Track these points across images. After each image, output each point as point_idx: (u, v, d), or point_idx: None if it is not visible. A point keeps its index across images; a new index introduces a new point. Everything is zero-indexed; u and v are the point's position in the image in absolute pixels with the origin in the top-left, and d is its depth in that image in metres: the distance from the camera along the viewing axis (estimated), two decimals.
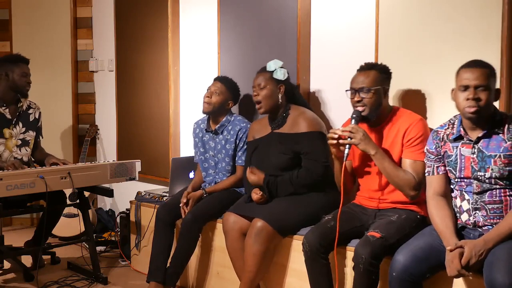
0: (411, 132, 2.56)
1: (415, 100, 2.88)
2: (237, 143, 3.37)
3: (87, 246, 3.87)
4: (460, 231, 2.31)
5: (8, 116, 3.70)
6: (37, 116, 3.85)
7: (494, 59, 2.57)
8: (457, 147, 2.29)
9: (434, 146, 2.37)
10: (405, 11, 2.91)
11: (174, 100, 4.28)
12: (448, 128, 2.35)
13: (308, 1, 3.35)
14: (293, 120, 3.03)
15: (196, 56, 4.19)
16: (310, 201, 2.93)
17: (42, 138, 3.93)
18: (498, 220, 2.20)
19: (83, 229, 4.00)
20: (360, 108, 2.58)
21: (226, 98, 3.41)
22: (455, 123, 2.33)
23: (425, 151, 2.43)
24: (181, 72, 4.30)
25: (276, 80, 3.05)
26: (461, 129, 2.28)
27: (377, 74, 2.61)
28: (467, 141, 2.26)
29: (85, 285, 3.53)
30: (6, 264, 3.85)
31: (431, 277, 2.28)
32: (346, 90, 2.66)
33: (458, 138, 2.29)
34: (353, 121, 2.54)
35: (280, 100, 3.06)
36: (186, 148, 4.26)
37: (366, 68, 2.65)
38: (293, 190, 2.93)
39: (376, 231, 2.40)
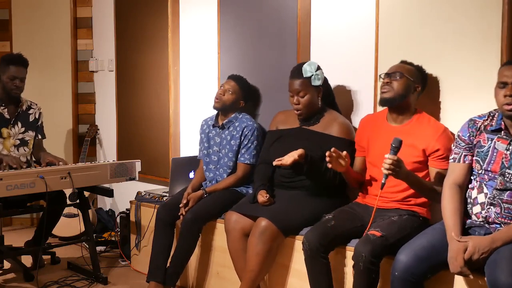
0: (437, 144, 2.54)
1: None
2: (242, 139, 3.38)
3: (87, 246, 3.87)
4: (467, 231, 2.30)
5: (7, 115, 3.70)
6: (37, 116, 3.85)
7: (494, 59, 2.57)
8: (492, 139, 2.27)
9: (468, 134, 2.34)
10: (405, 11, 2.91)
11: (174, 100, 4.28)
12: (487, 119, 2.33)
13: (308, 1, 3.35)
14: (327, 122, 3.00)
15: (196, 56, 4.19)
16: (313, 201, 2.93)
17: (44, 138, 3.92)
18: (509, 221, 2.20)
19: (83, 229, 4.00)
20: (385, 89, 2.61)
21: (238, 97, 3.43)
22: (496, 116, 2.31)
23: (456, 137, 2.39)
24: (181, 72, 4.30)
25: (314, 86, 2.98)
26: (502, 122, 2.25)
27: (414, 70, 2.67)
28: (505, 136, 2.25)
29: (85, 285, 3.53)
30: (6, 264, 3.84)
31: (433, 277, 2.27)
32: (380, 75, 2.70)
33: (496, 130, 2.27)
34: (392, 152, 2.40)
35: (319, 104, 3.03)
36: (186, 148, 4.26)
37: (405, 62, 2.71)
38: (321, 179, 2.88)
39: (377, 230, 2.40)
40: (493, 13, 2.58)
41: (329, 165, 2.61)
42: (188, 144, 4.23)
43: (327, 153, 2.58)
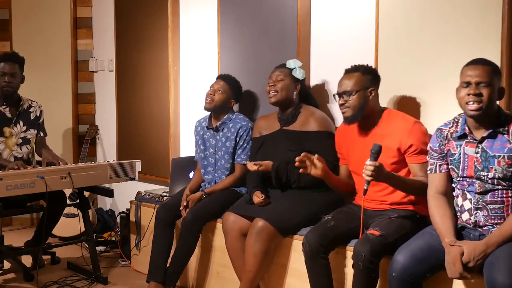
0: (409, 140, 2.54)
1: (415, 100, 2.88)
2: (237, 141, 3.37)
3: (87, 246, 3.87)
4: (460, 231, 2.30)
5: (8, 115, 3.70)
6: (38, 114, 3.85)
7: (494, 59, 2.55)
8: (461, 145, 2.28)
9: (438, 144, 2.36)
10: (405, 11, 2.91)
11: (174, 100, 4.28)
12: (452, 126, 2.34)
13: (308, 1, 3.35)
14: (304, 118, 3.04)
15: (196, 56, 4.19)
16: (310, 201, 2.94)
17: (46, 135, 3.91)
18: (499, 221, 2.20)
19: (83, 229, 4.00)
20: (343, 110, 2.61)
21: (229, 96, 3.42)
22: (460, 121, 2.32)
23: (428, 148, 2.41)
24: (181, 72, 4.30)
25: (294, 77, 3.08)
26: (466, 127, 2.27)
27: (360, 76, 2.63)
28: (471, 140, 2.25)
29: (85, 285, 3.53)
30: (6, 264, 3.84)
31: (431, 277, 2.27)
32: (334, 95, 2.69)
33: (462, 136, 2.28)
34: (372, 159, 2.39)
35: (294, 97, 3.08)
36: (186, 148, 4.26)
37: (350, 71, 2.68)
38: (301, 183, 2.91)
39: (376, 229, 2.41)
40: (493, 13, 2.58)
41: (302, 171, 2.60)
42: (188, 144, 4.23)
43: (297, 159, 2.57)
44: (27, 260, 3.81)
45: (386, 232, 2.40)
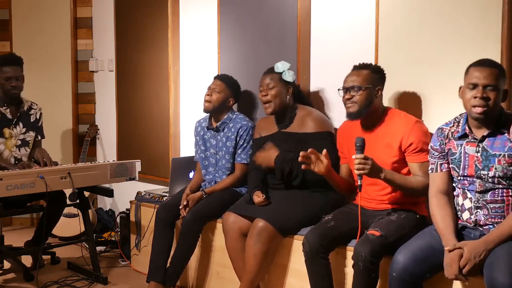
0: (409, 138, 2.54)
1: (415, 100, 2.88)
2: (237, 140, 3.37)
3: (87, 246, 3.87)
4: (461, 231, 2.30)
5: (9, 116, 3.70)
6: (38, 117, 3.85)
7: (494, 59, 2.56)
8: (461, 145, 2.28)
9: (439, 143, 2.36)
10: (405, 11, 2.91)
11: (174, 100, 4.28)
12: (453, 125, 2.34)
13: (308, 1, 3.35)
14: (301, 119, 3.04)
15: (196, 56, 4.19)
16: (311, 201, 2.94)
17: (44, 138, 3.92)
18: (499, 220, 2.20)
19: (83, 229, 4.00)
20: (349, 105, 2.60)
21: (227, 95, 3.41)
22: (461, 121, 2.32)
23: (429, 148, 2.41)
24: (181, 72, 4.30)
25: (284, 81, 3.06)
26: (466, 127, 2.26)
27: (369, 73, 2.63)
28: (472, 140, 2.25)
29: (85, 285, 3.53)
30: (6, 264, 3.84)
31: (431, 277, 2.27)
32: (339, 89, 2.67)
33: (463, 136, 2.28)
34: (358, 152, 2.44)
35: (288, 101, 3.07)
36: (186, 148, 4.26)
37: (359, 67, 2.68)
38: (304, 178, 2.91)
39: (376, 230, 2.41)
40: (493, 13, 2.58)
41: (304, 167, 2.60)
42: (188, 144, 4.23)
43: (301, 154, 2.56)
44: (27, 260, 3.81)
45: (386, 232, 2.40)
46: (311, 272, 2.59)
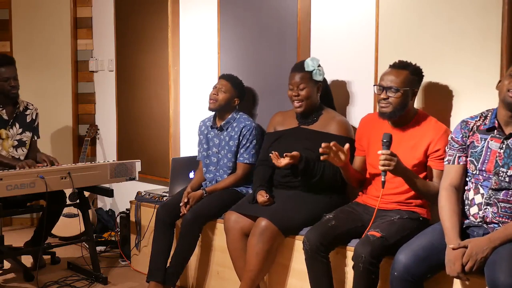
0: (437, 144, 2.53)
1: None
2: (240, 140, 3.38)
3: (87, 246, 3.87)
4: (465, 230, 2.30)
5: (5, 117, 3.69)
6: (34, 117, 3.84)
7: (494, 59, 2.57)
8: (485, 139, 2.28)
9: (461, 135, 2.35)
10: (405, 11, 2.91)
11: (174, 100, 4.28)
12: (479, 120, 2.33)
13: (308, 1, 3.35)
14: (325, 120, 3.01)
15: (196, 56, 4.19)
16: (313, 201, 2.93)
17: (39, 138, 3.91)
18: (506, 220, 2.20)
19: (83, 229, 4.00)
20: (384, 105, 2.56)
21: (232, 95, 3.43)
22: (488, 115, 2.31)
23: (450, 139, 2.40)
24: (181, 72, 4.30)
25: (315, 80, 3.01)
26: (496, 121, 2.26)
27: (408, 75, 2.58)
28: (498, 135, 2.25)
29: (85, 285, 3.53)
30: (6, 264, 3.84)
31: (432, 277, 2.28)
32: (374, 85, 2.64)
33: (490, 129, 2.27)
34: (384, 147, 2.45)
35: (318, 100, 3.05)
36: (186, 148, 4.26)
37: (399, 66, 2.61)
38: (321, 178, 2.89)
39: (377, 231, 2.40)
40: (493, 13, 2.58)
41: (323, 158, 2.59)
42: (188, 144, 4.23)
43: (323, 145, 2.56)
44: (27, 260, 3.81)
45: (387, 233, 2.40)
46: (311, 271, 2.59)
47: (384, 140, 2.43)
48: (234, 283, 3.07)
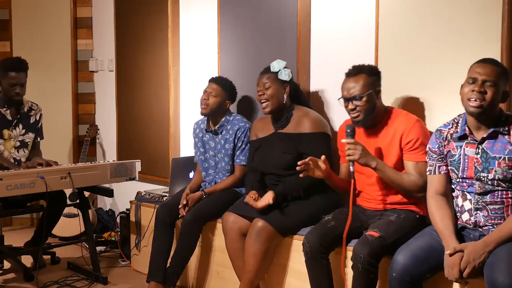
0: (409, 135, 2.54)
1: (414, 100, 2.88)
2: (236, 142, 3.38)
3: (87, 246, 3.87)
4: (460, 231, 2.30)
5: (9, 117, 3.69)
6: (37, 118, 3.84)
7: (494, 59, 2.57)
8: (461, 146, 2.27)
9: (437, 145, 2.35)
10: (405, 11, 2.90)
11: (174, 100, 4.28)
12: (452, 127, 2.33)
13: (308, 1, 3.35)
14: (297, 120, 3.03)
15: (196, 56, 4.19)
16: (310, 201, 2.93)
17: (42, 139, 3.91)
18: (499, 221, 2.20)
19: (83, 229, 4.00)
20: (354, 114, 2.57)
21: (223, 98, 3.41)
22: (459, 122, 2.31)
23: (427, 149, 2.41)
24: (181, 72, 4.30)
25: (281, 80, 3.06)
26: (466, 128, 2.26)
27: (366, 78, 2.58)
28: (472, 141, 2.25)
29: (85, 285, 3.53)
30: (6, 264, 3.85)
31: (431, 277, 2.27)
32: (339, 99, 2.64)
33: (462, 137, 2.28)
34: (348, 137, 2.51)
35: (285, 101, 3.06)
36: (186, 148, 4.26)
37: (354, 73, 2.61)
38: (301, 193, 2.91)
39: (375, 231, 2.40)
40: (493, 13, 2.58)
41: (303, 174, 2.60)
42: (188, 144, 4.22)
43: (299, 163, 2.57)
44: (27, 260, 3.81)
45: (385, 233, 2.40)
46: (311, 272, 2.59)
47: (348, 131, 2.50)
48: (234, 283, 3.07)
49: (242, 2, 3.70)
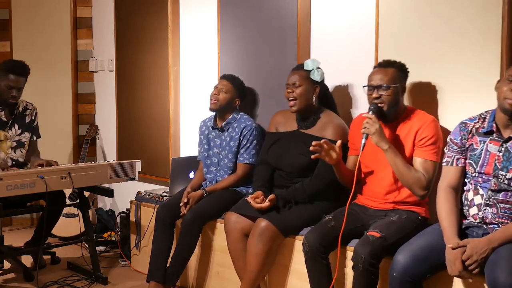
0: (423, 132, 2.55)
1: (414, 100, 2.88)
2: (241, 140, 3.38)
3: (87, 246, 3.87)
4: (464, 231, 2.30)
5: (4, 118, 3.67)
6: (33, 117, 3.82)
7: (494, 59, 2.57)
8: (484, 142, 2.27)
9: (460, 137, 2.35)
10: (405, 11, 2.91)
11: (174, 100, 4.28)
12: (478, 121, 2.33)
13: (308, 1, 3.35)
14: (323, 124, 2.99)
15: (196, 56, 4.19)
16: (313, 202, 2.93)
17: (39, 137, 3.90)
18: (506, 220, 2.20)
19: (83, 229, 4.00)
20: (378, 102, 2.58)
21: (233, 96, 3.42)
22: (487, 117, 2.31)
23: (448, 140, 2.40)
24: (181, 72, 4.30)
25: (312, 80, 2.99)
26: (494, 124, 2.25)
27: (396, 72, 2.61)
28: (497, 138, 2.25)
29: (85, 285, 3.53)
30: (6, 264, 3.84)
31: (432, 277, 2.27)
32: (364, 86, 2.65)
33: (488, 133, 2.27)
34: (370, 112, 2.54)
35: (314, 102, 3.00)
36: (186, 148, 4.26)
37: (384, 65, 2.64)
38: (307, 198, 2.91)
39: (376, 231, 2.40)
40: (493, 13, 2.58)
41: (314, 156, 2.61)
42: (188, 144, 4.23)
43: (313, 143, 2.57)
44: (27, 260, 3.81)
45: (386, 233, 2.40)
46: (311, 272, 2.59)
47: (372, 107, 2.54)
48: (234, 283, 3.07)
49: (242, 2, 3.70)
